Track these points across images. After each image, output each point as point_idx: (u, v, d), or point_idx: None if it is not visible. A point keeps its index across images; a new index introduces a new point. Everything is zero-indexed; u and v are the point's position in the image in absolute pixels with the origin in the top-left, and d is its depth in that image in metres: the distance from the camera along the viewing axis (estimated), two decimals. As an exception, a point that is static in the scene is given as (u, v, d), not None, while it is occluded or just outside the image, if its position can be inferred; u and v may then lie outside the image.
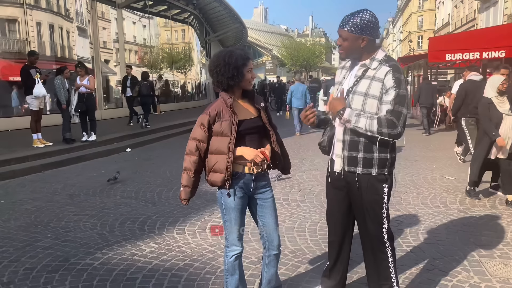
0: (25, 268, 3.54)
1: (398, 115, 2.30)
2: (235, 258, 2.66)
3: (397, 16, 75.08)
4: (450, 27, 38.05)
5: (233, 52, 2.47)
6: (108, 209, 5.20)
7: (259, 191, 2.63)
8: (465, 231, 4.34)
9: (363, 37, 2.34)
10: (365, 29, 2.33)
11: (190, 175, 2.59)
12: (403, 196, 5.63)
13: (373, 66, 2.39)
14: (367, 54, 2.42)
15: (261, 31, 63.78)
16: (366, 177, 2.46)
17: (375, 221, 2.53)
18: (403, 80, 2.37)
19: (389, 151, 2.45)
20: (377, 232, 2.54)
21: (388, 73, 2.32)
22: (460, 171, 7.07)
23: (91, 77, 9.13)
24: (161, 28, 22.88)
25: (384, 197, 2.49)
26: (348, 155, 2.47)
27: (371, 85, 2.36)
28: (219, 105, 2.51)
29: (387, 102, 2.32)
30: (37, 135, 8.55)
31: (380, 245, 2.56)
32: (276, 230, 2.71)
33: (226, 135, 2.45)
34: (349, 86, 2.47)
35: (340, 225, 2.71)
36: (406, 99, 2.35)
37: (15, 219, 4.85)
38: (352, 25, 2.34)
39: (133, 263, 3.63)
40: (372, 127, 2.29)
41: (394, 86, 2.30)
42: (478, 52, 12.84)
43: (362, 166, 2.44)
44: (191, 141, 2.56)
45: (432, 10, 51.27)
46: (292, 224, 4.57)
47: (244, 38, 35.48)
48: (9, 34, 13.42)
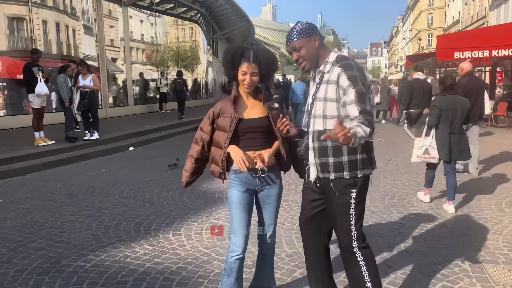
0: (15, 269, 3.48)
1: (368, 113, 2.21)
2: (235, 260, 2.58)
3: (406, 14, 74.48)
4: (460, 25, 37.63)
5: (238, 48, 2.49)
6: (105, 209, 5.13)
7: (265, 186, 2.61)
8: (469, 234, 4.20)
9: (314, 37, 2.36)
10: (310, 30, 2.36)
11: (191, 162, 2.68)
12: (406, 198, 5.50)
13: (327, 70, 2.37)
14: (322, 59, 2.40)
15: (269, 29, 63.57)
16: (339, 182, 2.37)
17: (342, 229, 2.43)
18: (359, 76, 2.25)
19: (359, 152, 2.35)
20: (346, 241, 2.44)
21: (341, 73, 2.27)
22: (465, 172, 6.91)
23: (94, 76, 9.09)
24: (169, 27, 22.87)
25: (351, 203, 2.38)
26: (320, 162, 2.39)
27: (327, 89, 2.32)
28: (226, 101, 2.58)
29: (350, 102, 2.23)
30: (39, 133, 8.53)
31: (350, 254, 2.45)
32: (271, 226, 2.70)
33: (226, 130, 2.51)
34: (312, 94, 2.45)
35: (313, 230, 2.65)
36: (366, 95, 2.23)
37: (11, 218, 4.80)
38: (298, 32, 2.35)
39: (126, 265, 3.55)
40: (367, 132, 2.15)
41: (351, 84, 2.23)
42: (487, 50, 12.65)
43: (334, 171, 2.36)
44: (198, 130, 2.67)
45: (442, 8, 50.76)
46: (291, 226, 4.46)
47: (251, 36, 35.39)
48: (16, 32, 13.46)
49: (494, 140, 10.71)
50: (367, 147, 2.39)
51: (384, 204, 5.21)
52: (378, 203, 5.25)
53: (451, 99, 4.99)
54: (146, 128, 11.85)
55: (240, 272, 2.63)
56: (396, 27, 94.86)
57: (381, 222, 4.57)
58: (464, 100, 5.06)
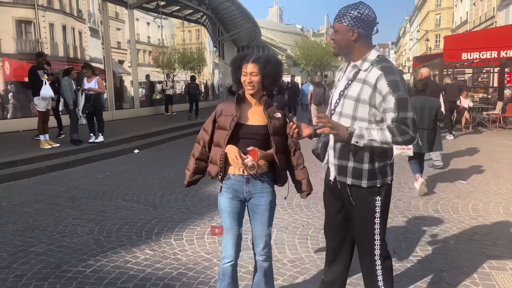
0: (15, 275, 3.45)
1: (405, 121, 2.09)
2: (228, 266, 2.56)
3: (414, 14, 74.09)
4: (469, 25, 37.34)
5: (243, 53, 2.58)
6: (107, 213, 5.11)
7: (254, 195, 2.54)
8: (476, 240, 4.11)
9: (354, 30, 2.18)
10: (356, 21, 2.16)
11: (192, 161, 2.67)
12: (412, 201, 5.41)
13: (364, 68, 2.21)
14: (360, 53, 2.24)
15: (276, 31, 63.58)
16: (356, 189, 2.27)
17: (365, 237, 2.34)
18: (400, 81, 2.13)
19: (380, 161, 2.24)
20: (368, 249, 2.35)
21: (380, 77, 2.12)
22: (474, 175, 6.81)
23: (99, 79, 9.09)
24: (176, 29, 22.92)
25: (376, 211, 2.28)
26: (338, 164, 2.30)
27: (362, 89, 2.17)
28: (230, 102, 2.59)
29: (389, 109, 2.10)
30: (44, 136, 8.55)
31: (370, 263, 2.36)
32: (263, 237, 2.58)
33: (225, 128, 2.48)
34: (341, 89, 2.31)
35: (336, 238, 2.54)
36: (408, 101, 2.11)
37: (14, 222, 4.79)
38: (343, 16, 2.19)
39: (126, 271, 3.51)
40: (386, 138, 2.08)
41: (391, 91, 2.09)
42: (495, 51, 12.48)
43: (351, 177, 2.26)
44: (201, 130, 2.68)
45: (450, 8, 50.40)
46: (294, 231, 4.40)
47: (257, 38, 35.39)
48: (23, 35, 13.55)
49: (503, 142, 10.57)
50: (387, 156, 2.27)
51: (390, 208, 5.11)
52: (383, 207, 5.17)
53: (421, 99, 5.84)
54: (151, 130, 11.84)
55: (234, 276, 2.61)
56: (404, 28, 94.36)
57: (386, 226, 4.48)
58: (433, 100, 5.94)
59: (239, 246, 2.59)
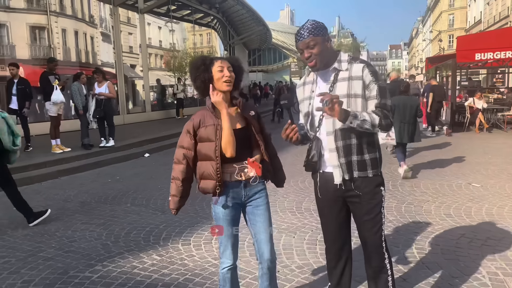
0: (23, 280, 3.47)
1: (386, 106, 2.27)
2: (227, 271, 2.55)
3: (426, 15, 73.35)
4: (482, 25, 36.82)
5: (199, 57, 2.48)
6: (116, 217, 5.12)
7: (252, 197, 2.51)
8: (490, 245, 4.00)
9: (328, 36, 2.30)
10: (324, 30, 2.30)
11: (178, 185, 2.52)
12: (424, 205, 5.31)
13: (344, 67, 2.31)
14: (333, 58, 2.33)
15: (287, 33, 63.46)
16: (363, 181, 2.33)
17: (374, 230, 2.37)
18: (378, 72, 2.33)
19: (377, 151, 2.39)
20: (376, 242, 2.38)
21: (364, 68, 2.27)
22: (488, 178, 6.67)
23: (109, 83, 9.15)
24: (187, 33, 23.06)
25: (382, 201, 2.38)
26: (346, 161, 2.32)
27: (351, 85, 2.27)
28: (204, 111, 2.48)
29: (372, 97, 2.27)
30: (55, 141, 8.63)
31: (379, 256, 2.40)
32: (268, 242, 2.54)
33: (211, 140, 2.38)
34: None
35: (339, 241, 2.53)
36: (386, 89, 2.30)
37: (24, 227, 4.82)
38: (313, 29, 2.26)
39: (132, 276, 3.50)
40: (375, 120, 2.21)
41: (373, 79, 2.25)
42: (510, 51, 12.26)
43: (357, 170, 2.33)
44: (178, 149, 2.51)
45: (464, 8, 49.75)
46: (303, 236, 4.35)
47: (268, 40, 35.40)
48: (36, 41, 13.76)
49: (518, 144, 10.35)
50: (380, 147, 2.43)
51: (401, 212, 5.04)
52: (394, 211, 5.09)
53: (403, 98, 7.02)
54: (162, 134, 11.88)
55: (234, 280, 2.59)
56: (416, 29, 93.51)
57: (397, 232, 4.41)
58: (413, 98, 7.45)
59: (237, 249, 2.57)
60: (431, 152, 9.24)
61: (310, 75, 2.46)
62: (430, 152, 9.25)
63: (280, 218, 4.89)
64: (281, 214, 5.06)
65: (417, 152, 9.32)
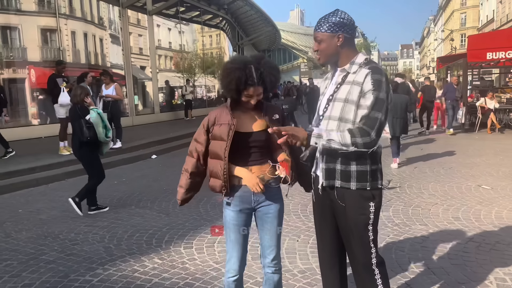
0: (23, 284, 3.46)
1: (373, 122, 2.08)
2: (232, 282, 2.49)
3: (438, 14, 72.62)
4: (495, 24, 36.31)
5: (235, 71, 2.24)
6: (120, 220, 5.10)
7: (263, 204, 2.45)
8: (498, 250, 3.89)
9: (339, 34, 2.16)
10: (339, 26, 2.16)
11: (186, 177, 2.52)
12: (432, 208, 5.21)
13: (353, 70, 2.19)
14: (347, 58, 2.22)
15: (297, 34, 63.35)
16: (346, 192, 2.19)
17: (361, 245, 2.24)
18: (384, 83, 2.10)
19: (369, 163, 2.17)
20: (364, 258, 2.25)
21: (368, 75, 2.11)
22: (499, 180, 6.53)
23: (116, 85, 9.18)
24: (197, 34, 23.12)
25: (370, 217, 2.20)
26: (326, 168, 2.21)
27: (351, 90, 2.15)
28: (221, 109, 2.43)
29: (364, 107, 2.10)
30: (63, 143, 8.66)
31: (368, 272, 2.25)
32: (272, 248, 2.48)
33: (223, 139, 2.33)
34: (330, 94, 2.25)
35: (329, 250, 2.42)
36: (384, 103, 2.11)
37: (28, 229, 4.83)
38: (326, 24, 2.17)
39: (133, 280, 3.47)
40: (346, 140, 2.06)
41: (373, 89, 2.09)
42: (523, 50, 12.03)
43: (340, 179, 2.19)
44: (192, 141, 2.51)
45: (476, 7, 49.12)
46: (307, 239, 4.28)
47: (277, 41, 35.34)
48: (47, 43, 13.87)
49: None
50: (376, 159, 2.22)
51: (408, 215, 4.95)
52: (401, 214, 5.00)
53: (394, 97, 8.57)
54: (169, 135, 11.89)
55: None
56: (428, 28, 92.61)
57: (403, 235, 4.32)
58: (403, 96, 8.15)
59: (244, 260, 2.51)
60: (441, 154, 9.09)
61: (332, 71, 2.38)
62: (440, 154, 9.10)
63: (284, 221, 4.75)
64: (285, 217, 4.93)
65: (426, 153, 9.18)
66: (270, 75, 2.31)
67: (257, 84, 2.28)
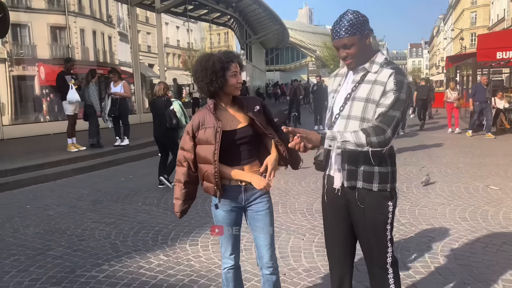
0: (31, 279, 3.50)
1: (390, 119, 2.07)
2: (228, 270, 2.54)
3: (448, 13, 71.99)
4: (506, 22, 35.90)
5: (211, 56, 2.30)
6: (127, 216, 5.14)
7: (253, 202, 2.45)
8: (505, 251, 3.86)
9: (367, 32, 2.13)
10: (363, 25, 2.11)
11: (180, 187, 2.46)
12: (439, 208, 5.17)
13: (374, 70, 2.15)
14: (368, 55, 2.18)
15: (305, 32, 63.14)
16: (367, 193, 2.18)
17: (378, 244, 2.24)
18: (406, 84, 2.11)
19: (389, 165, 2.19)
20: (380, 257, 2.25)
21: (391, 75, 2.09)
22: (507, 180, 6.47)
23: (124, 83, 9.22)
24: (205, 32, 23.17)
25: (389, 217, 2.21)
26: (348, 169, 2.20)
27: (372, 90, 2.11)
28: (204, 112, 2.38)
29: (383, 105, 2.09)
30: (71, 139, 8.74)
31: (382, 271, 2.26)
32: (268, 247, 2.47)
33: (211, 143, 2.30)
34: (347, 92, 2.21)
35: (341, 251, 2.40)
36: (404, 104, 2.10)
37: (35, 225, 4.88)
38: (350, 27, 2.09)
39: (138, 277, 3.49)
40: (361, 140, 2.02)
41: (395, 89, 2.07)
42: (533, 50, 11.90)
43: (362, 180, 2.18)
44: (179, 151, 2.45)
45: (487, 6, 48.62)
46: (312, 238, 4.28)
47: (285, 39, 35.28)
48: (56, 40, 13.99)
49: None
50: (394, 161, 2.24)
51: (414, 215, 4.92)
52: (407, 213, 4.97)
53: None
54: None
55: (237, 280, 2.57)
56: (437, 27, 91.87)
57: (409, 235, 4.30)
58: None
59: (238, 250, 2.55)
60: (448, 153, 9.03)
61: (344, 67, 2.33)
62: (447, 153, 9.04)
63: (290, 220, 4.83)
64: (291, 215, 5.00)
65: (433, 153, 9.12)
66: (237, 57, 2.40)
67: (237, 61, 2.34)
